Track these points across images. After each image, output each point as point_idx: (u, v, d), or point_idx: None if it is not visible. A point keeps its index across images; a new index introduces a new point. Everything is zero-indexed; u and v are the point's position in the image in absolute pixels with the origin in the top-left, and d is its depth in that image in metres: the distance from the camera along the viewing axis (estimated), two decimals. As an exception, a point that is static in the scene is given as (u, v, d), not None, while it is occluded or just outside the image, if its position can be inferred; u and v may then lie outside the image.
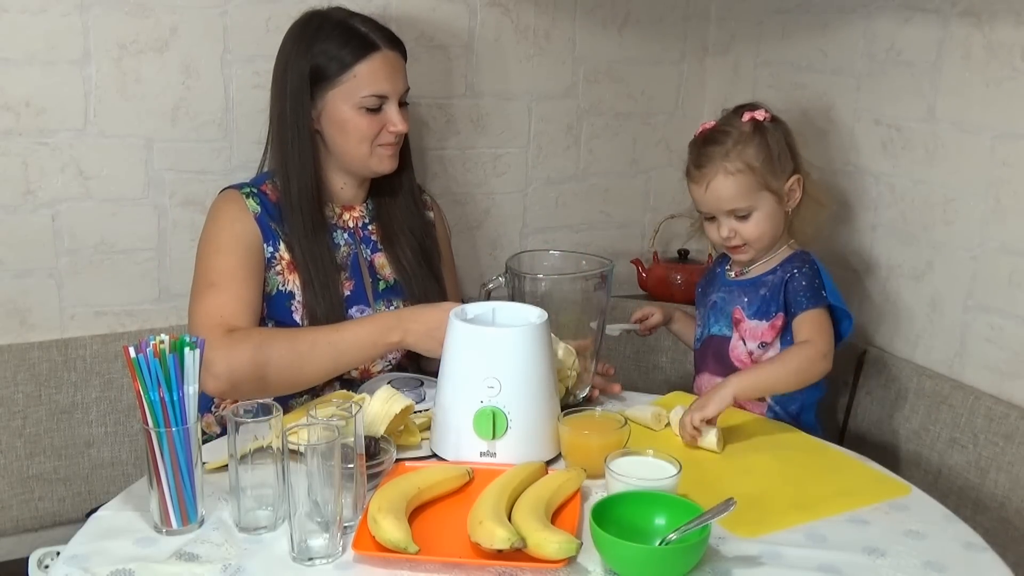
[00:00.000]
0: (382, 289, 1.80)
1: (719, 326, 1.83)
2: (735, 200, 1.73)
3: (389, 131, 1.72)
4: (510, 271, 1.65)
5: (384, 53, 1.71)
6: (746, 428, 1.61)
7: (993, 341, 1.77)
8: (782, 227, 1.78)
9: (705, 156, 1.75)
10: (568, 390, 1.62)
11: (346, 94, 1.69)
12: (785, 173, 1.75)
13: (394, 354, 1.78)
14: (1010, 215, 1.72)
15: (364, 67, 1.69)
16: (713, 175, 1.73)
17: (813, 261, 1.76)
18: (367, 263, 1.81)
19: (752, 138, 1.73)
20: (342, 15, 1.74)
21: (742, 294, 1.80)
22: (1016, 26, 1.68)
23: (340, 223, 1.80)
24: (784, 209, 1.76)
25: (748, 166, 1.72)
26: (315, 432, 1.21)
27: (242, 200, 1.72)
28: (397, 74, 1.73)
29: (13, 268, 1.86)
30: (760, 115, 1.76)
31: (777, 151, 1.74)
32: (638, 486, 1.26)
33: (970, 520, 1.39)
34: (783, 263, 1.77)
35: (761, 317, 1.75)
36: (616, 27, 2.27)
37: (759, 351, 1.76)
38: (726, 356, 1.80)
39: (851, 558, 1.22)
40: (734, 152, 1.72)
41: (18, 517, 1.86)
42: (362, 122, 1.70)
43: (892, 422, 1.89)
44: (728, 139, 1.74)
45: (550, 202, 2.33)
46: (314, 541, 1.19)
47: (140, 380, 1.22)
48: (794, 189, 1.76)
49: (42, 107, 1.81)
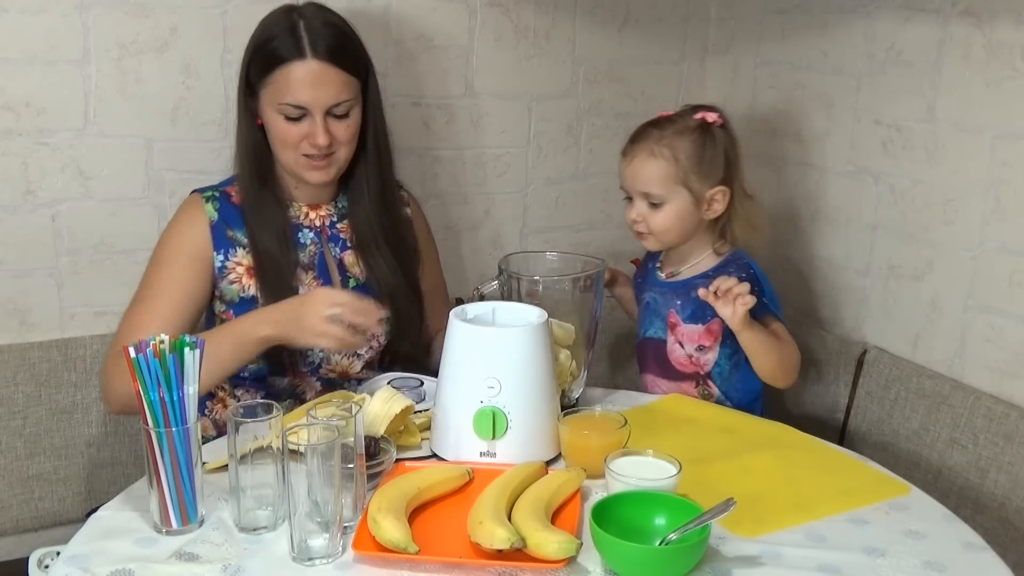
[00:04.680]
0: (352, 287, 1.77)
1: (655, 328, 1.83)
2: (650, 184, 1.73)
3: (310, 143, 1.65)
4: (503, 272, 1.65)
5: (309, 63, 1.62)
6: (746, 428, 1.62)
7: (993, 341, 1.77)
8: (694, 230, 1.78)
9: (641, 134, 1.77)
10: (564, 392, 1.61)
11: (270, 96, 1.65)
12: (710, 180, 1.74)
13: (369, 352, 1.77)
14: (1010, 215, 1.72)
15: (285, 73, 1.62)
16: (638, 153, 1.74)
17: (750, 266, 1.76)
18: (336, 261, 1.78)
19: (691, 133, 1.73)
20: (302, 13, 1.67)
21: (675, 296, 1.79)
22: (1016, 26, 1.68)
23: (306, 222, 1.77)
24: (700, 215, 1.75)
25: (674, 156, 1.72)
26: (315, 432, 1.21)
27: (201, 206, 1.71)
28: (323, 86, 1.62)
29: (13, 268, 1.86)
30: (711, 117, 1.76)
31: (710, 155, 1.73)
32: (638, 486, 1.26)
33: (970, 520, 1.39)
34: (716, 268, 1.77)
35: (696, 321, 1.75)
36: (616, 27, 2.27)
37: (697, 354, 1.76)
38: (665, 359, 1.81)
39: (851, 558, 1.22)
40: (667, 139, 1.73)
41: (18, 517, 1.86)
42: (283, 128, 1.65)
43: (892, 422, 1.89)
44: (670, 126, 1.75)
45: (550, 202, 2.33)
46: (314, 541, 1.19)
47: (140, 380, 1.23)
48: (717, 199, 1.75)
49: (42, 107, 1.81)
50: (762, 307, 1.71)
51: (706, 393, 1.80)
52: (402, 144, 2.10)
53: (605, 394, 1.74)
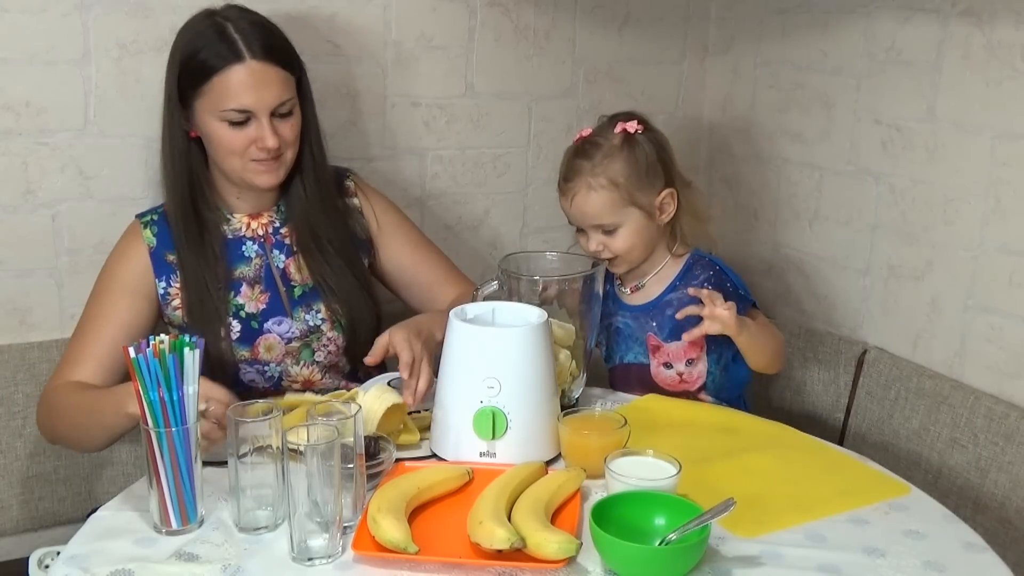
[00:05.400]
0: (298, 296, 1.72)
1: (633, 354, 1.80)
2: (599, 216, 1.71)
3: (258, 148, 1.60)
4: (503, 272, 1.65)
5: (249, 64, 1.57)
6: (746, 428, 1.62)
7: (993, 341, 1.77)
8: (655, 240, 1.76)
9: (572, 170, 1.73)
10: (564, 392, 1.61)
11: (210, 105, 1.59)
12: (655, 188, 1.72)
13: (328, 356, 1.73)
14: (1010, 215, 1.72)
15: (225, 78, 1.57)
16: (577, 189, 1.71)
17: (713, 263, 1.75)
18: (279, 272, 1.72)
19: (620, 152, 1.70)
20: (225, 16, 1.62)
21: (648, 319, 1.77)
22: (1016, 26, 1.68)
23: (248, 233, 1.72)
24: (656, 223, 1.74)
25: (612, 182, 1.69)
26: (315, 432, 1.21)
27: (139, 233, 1.68)
28: (266, 87, 1.58)
29: (13, 268, 1.86)
30: (631, 127, 1.73)
31: (646, 165, 1.71)
32: (638, 486, 1.26)
33: (970, 520, 1.39)
34: (681, 276, 1.76)
35: (678, 337, 1.72)
36: (616, 27, 2.27)
37: (687, 368, 1.75)
38: (651, 382, 1.78)
39: (851, 558, 1.22)
40: (599, 167, 1.70)
41: (18, 517, 1.86)
42: (227, 135, 1.59)
43: (892, 422, 1.89)
44: (597, 153, 1.71)
45: (550, 202, 2.32)
46: (314, 541, 1.19)
47: (140, 380, 1.23)
48: (667, 203, 1.73)
49: (42, 107, 1.81)
50: (740, 301, 1.70)
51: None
52: (402, 144, 2.10)
53: (605, 394, 1.74)
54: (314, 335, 1.72)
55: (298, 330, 1.71)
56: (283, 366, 1.71)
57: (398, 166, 2.09)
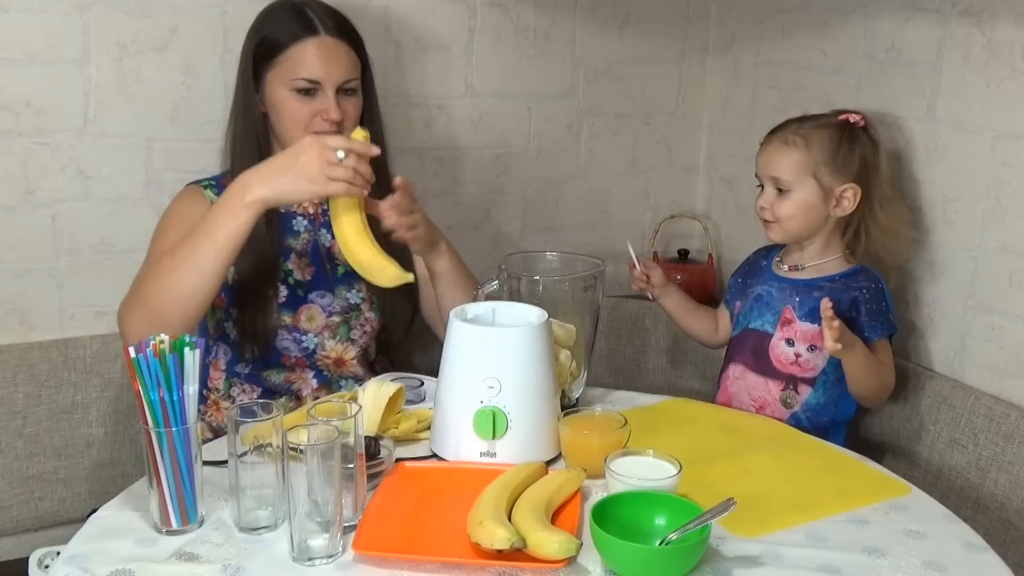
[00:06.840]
0: (340, 274, 1.79)
1: (762, 321, 1.81)
2: (779, 168, 1.75)
3: (323, 119, 1.68)
4: (503, 272, 1.65)
5: (322, 39, 1.68)
6: (746, 428, 1.62)
7: (993, 341, 1.77)
8: (819, 225, 1.77)
9: (782, 125, 1.80)
10: (564, 392, 1.61)
11: (281, 75, 1.68)
12: (842, 176, 1.73)
13: (363, 337, 1.78)
14: (1010, 215, 1.72)
15: (299, 49, 1.67)
16: (774, 140, 1.78)
17: (880, 281, 1.75)
18: (325, 250, 1.79)
19: (828, 129, 1.75)
20: (304, 2, 1.73)
21: (794, 293, 1.78)
22: (1016, 26, 1.68)
23: (299, 209, 1.79)
24: (828, 210, 1.75)
25: (807, 144, 1.73)
26: (315, 432, 1.21)
27: (201, 193, 1.73)
28: (335, 62, 1.68)
29: (13, 268, 1.86)
30: (853, 118, 1.77)
31: (845, 151, 1.74)
32: (638, 486, 1.25)
33: (970, 520, 1.38)
34: (845, 275, 1.76)
35: (814, 320, 1.72)
36: (616, 27, 2.27)
37: (808, 354, 1.74)
38: (765, 353, 1.78)
39: (851, 558, 1.22)
40: (804, 129, 1.75)
41: (18, 517, 1.86)
42: (294, 105, 1.68)
43: (892, 422, 1.89)
44: (811, 121, 1.77)
45: (550, 202, 2.33)
46: (314, 541, 1.19)
47: (140, 380, 1.22)
48: (846, 197, 1.74)
49: (42, 107, 1.81)
50: (882, 324, 1.71)
51: (789, 400, 1.77)
52: (402, 144, 2.10)
53: (605, 394, 1.74)
54: (353, 312, 1.78)
55: (338, 306, 1.77)
56: (320, 338, 1.76)
57: (398, 166, 2.08)
